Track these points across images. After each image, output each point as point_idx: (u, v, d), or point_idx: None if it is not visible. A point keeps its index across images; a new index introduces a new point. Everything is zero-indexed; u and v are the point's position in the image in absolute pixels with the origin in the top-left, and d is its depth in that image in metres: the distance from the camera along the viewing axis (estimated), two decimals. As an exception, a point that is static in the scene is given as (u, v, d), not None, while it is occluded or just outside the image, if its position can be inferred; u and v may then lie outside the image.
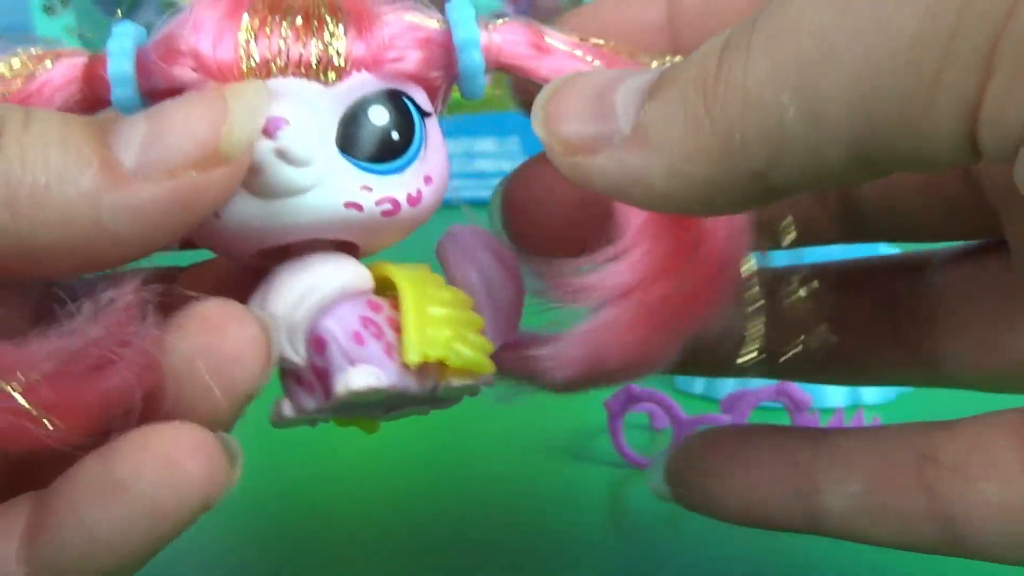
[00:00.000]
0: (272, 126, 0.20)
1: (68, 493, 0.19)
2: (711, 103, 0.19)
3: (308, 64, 0.21)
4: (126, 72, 0.21)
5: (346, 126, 0.21)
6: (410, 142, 0.22)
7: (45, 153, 0.19)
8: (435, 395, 0.22)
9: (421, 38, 0.22)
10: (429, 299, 0.22)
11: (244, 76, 0.21)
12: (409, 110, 0.22)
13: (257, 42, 0.21)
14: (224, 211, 0.21)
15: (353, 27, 0.21)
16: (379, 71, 0.22)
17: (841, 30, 0.17)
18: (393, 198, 0.22)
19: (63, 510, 0.19)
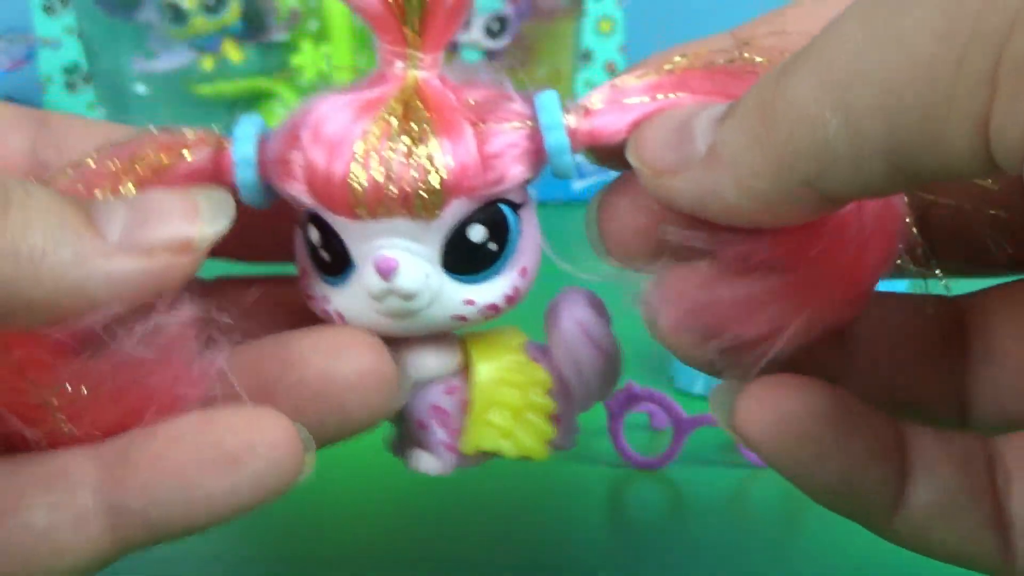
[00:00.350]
0: (385, 268, 0.23)
1: (165, 455, 0.22)
2: (768, 121, 0.21)
3: (413, 206, 0.23)
4: (249, 156, 0.25)
5: (448, 250, 0.23)
6: (505, 244, 0.24)
7: (45, 221, 0.21)
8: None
9: (517, 154, 0.24)
10: (500, 383, 0.25)
11: (354, 214, 0.23)
12: (504, 216, 0.24)
13: (365, 185, 0.22)
14: (349, 320, 0.24)
15: (451, 155, 0.23)
16: (477, 195, 0.23)
17: (871, 51, 0.19)
18: (493, 304, 0.24)
19: (160, 470, 0.22)
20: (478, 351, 0.25)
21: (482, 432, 0.25)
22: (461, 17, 0.24)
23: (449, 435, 0.25)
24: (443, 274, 0.24)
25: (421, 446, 0.25)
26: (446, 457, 0.25)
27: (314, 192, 0.23)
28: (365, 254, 0.23)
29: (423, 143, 0.23)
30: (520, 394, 0.25)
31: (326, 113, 0.23)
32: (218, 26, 0.76)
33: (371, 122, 0.23)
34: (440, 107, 0.23)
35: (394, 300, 0.23)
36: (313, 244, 0.24)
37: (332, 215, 0.23)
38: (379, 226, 0.23)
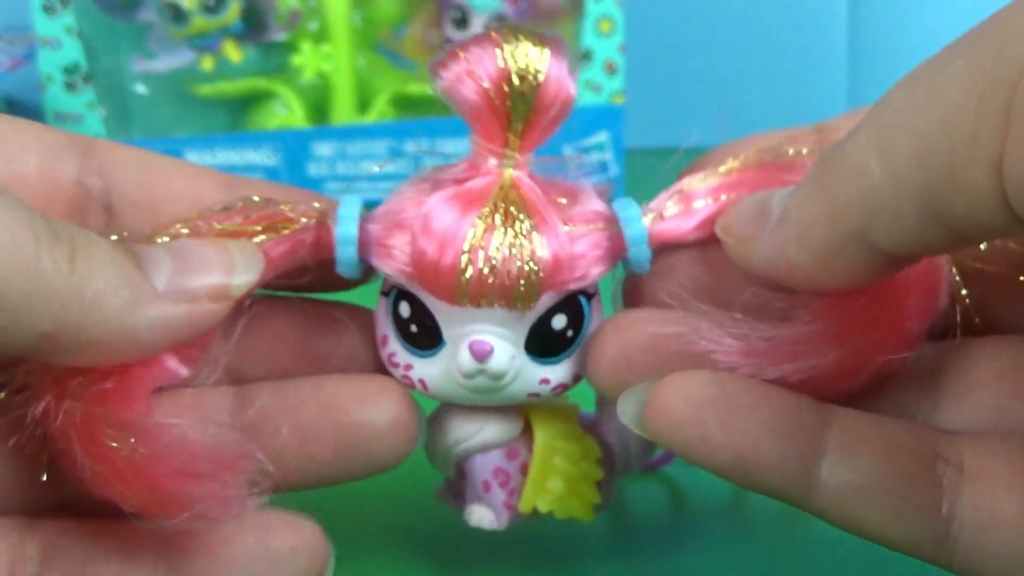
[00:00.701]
0: (480, 352, 0.26)
1: (217, 552, 0.26)
2: (825, 175, 0.23)
3: (512, 299, 0.25)
4: (351, 236, 0.27)
5: (532, 335, 0.26)
6: (580, 332, 0.27)
7: (105, 268, 0.23)
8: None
9: (599, 255, 0.27)
10: (557, 453, 0.28)
11: (457, 301, 0.25)
12: (582, 307, 0.27)
13: (471, 279, 0.25)
14: (431, 388, 0.27)
15: (549, 256, 0.25)
16: (564, 289, 0.26)
17: (911, 104, 0.21)
18: (564, 383, 0.27)
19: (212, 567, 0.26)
20: (538, 422, 0.28)
21: (539, 496, 0.28)
22: (561, 123, 0.26)
23: (508, 495, 0.28)
24: (525, 356, 0.26)
25: (481, 502, 0.28)
26: (503, 515, 0.29)
27: (421, 279, 0.26)
28: (459, 336, 0.26)
29: (524, 241, 0.25)
30: (574, 465, 0.28)
31: (434, 207, 0.25)
32: (218, 26, 0.76)
33: (477, 218, 0.25)
34: (536, 207, 0.25)
35: (483, 379, 0.26)
36: (402, 317, 0.27)
37: (432, 298, 0.26)
38: (477, 313, 0.26)
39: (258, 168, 0.78)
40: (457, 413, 0.28)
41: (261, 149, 0.78)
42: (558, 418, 0.29)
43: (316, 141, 0.77)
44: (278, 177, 0.78)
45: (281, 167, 0.78)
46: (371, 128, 0.77)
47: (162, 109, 0.79)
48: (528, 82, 0.25)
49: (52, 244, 0.23)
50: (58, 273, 0.22)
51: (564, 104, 0.26)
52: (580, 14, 0.76)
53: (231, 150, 0.78)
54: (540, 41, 0.25)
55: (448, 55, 0.26)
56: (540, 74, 0.25)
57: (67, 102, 0.77)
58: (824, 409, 0.25)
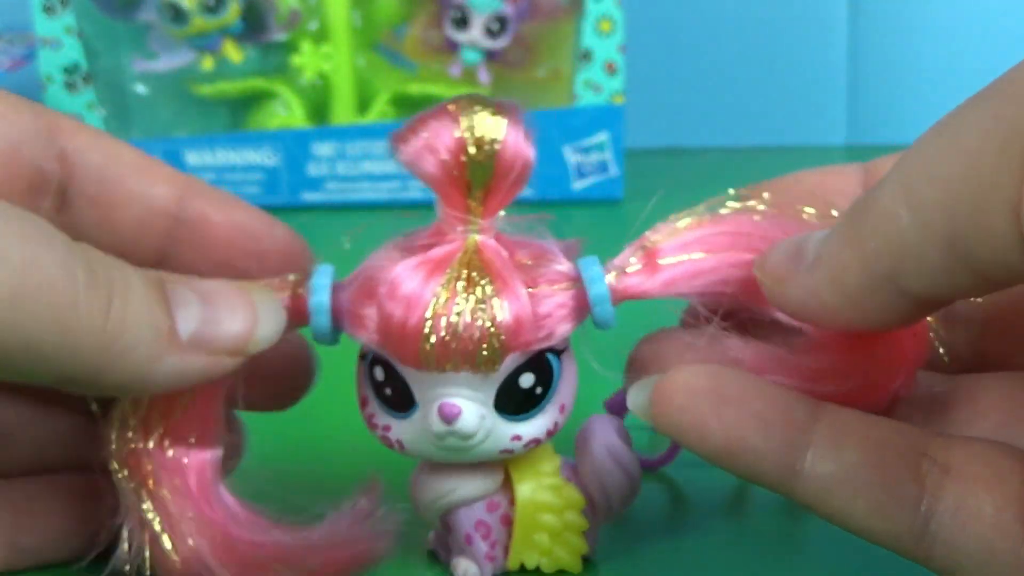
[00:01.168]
0: (449, 414, 0.26)
1: None
2: (857, 222, 0.23)
3: (475, 363, 0.26)
4: (324, 305, 0.27)
5: (501, 394, 0.27)
6: (549, 387, 0.27)
7: (136, 318, 0.24)
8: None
9: (565, 313, 0.27)
10: (540, 507, 0.29)
11: (422, 366, 0.26)
12: (550, 364, 0.27)
13: (434, 346, 0.26)
14: (408, 448, 0.28)
15: (510, 318, 0.26)
16: (529, 349, 0.27)
17: (937, 152, 0.22)
18: (536, 439, 0.28)
19: None
20: (519, 474, 0.29)
21: (526, 552, 0.29)
22: (521, 188, 0.27)
23: (490, 547, 0.29)
24: (495, 415, 0.27)
25: (464, 555, 0.29)
26: (487, 567, 0.29)
27: (387, 344, 0.26)
28: (429, 399, 0.27)
29: (486, 306, 0.26)
30: (558, 518, 0.29)
31: (399, 274, 0.26)
32: (218, 26, 0.76)
33: (439, 285, 0.26)
34: (499, 271, 0.26)
35: (454, 440, 0.27)
36: (378, 380, 0.28)
37: (400, 364, 0.27)
38: (443, 377, 0.26)
39: (258, 168, 0.78)
40: (436, 470, 0.29)
41: (261, 149, 0.78)
42: (539, 470, 0.29)
43: (316, 141, 0.78)
44: (278, 177, 0.78)
45: (281, 167, 0.78)
46: (371, 128, 0.77)
47: (162, 109, 0.79)
48: (485, 151, 0.26)
49: (90, 291, 0.23)
50: (92, 325, 0.23)
51: (523, 168, 0.27)
52: (580, 14, 0.76)
53: (231, 150, 0.78)
54: (497, 110, 0.26)
55: (407, 129, 0.26)
56: (496, 142, 0.26)
57: (67, 102, 0.77)
58: (816, 404, 0.26)
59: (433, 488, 0.29)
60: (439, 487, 0.29)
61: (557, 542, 0.29)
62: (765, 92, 0.98)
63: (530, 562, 0.29)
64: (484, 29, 0.75)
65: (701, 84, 0.97)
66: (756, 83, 0.98)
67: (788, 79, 0.98)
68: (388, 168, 0.78)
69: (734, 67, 0.97)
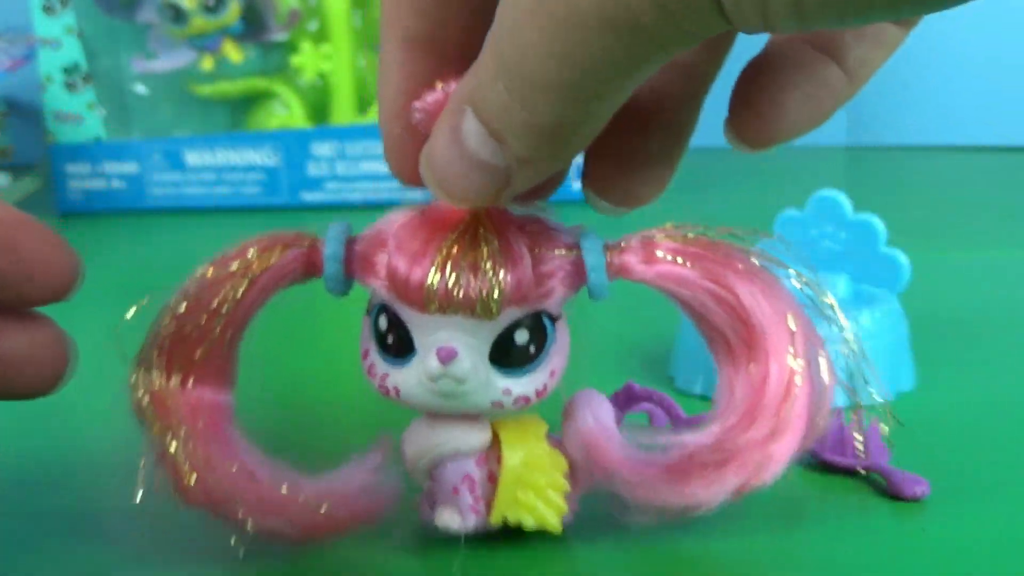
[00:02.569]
0: (446, 355, 0.28)
1: None
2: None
3: (475, 309, 0.27)
4: (338, 254, 0.29)
5: (497, 346, 0.28)
6: (543, 349, 0.29)
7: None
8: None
9: (562, 276, 0.29)
10: (526, 465, 0.30)
11: (426, 307, 0.28)
12: (545, 326, 0.29)
13: (438, 287, 0.27)
14: (403, 394, 0.29)
15: (510, 273, 0.27)
16: (526, 305, 0.28)
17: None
18: (526, 396, 0.29)
19: None
20: (507, 436, 0.30)
21: (509, 507, 0.30)
22: None
23: (475, 500, 0.30)
24: (489, 366, 0.28)
25: (450, 505, 0.30)
26: (470, 518, 0.30)
27: (394, 288, 0.28)
28: (428, 344, 0.28)
29: (490, 259, 0.27)
30: (543, 477, 0.30)
31: (409, 227, 0.28)
32: (218, 26, 0.76)
33: (448, 238, 0.27)
34: (503, 231, 0.28)
35: (447, 382, 0.28)
36: (381, 330, 0.29)
37: (405, 308, 0.28)
38: (444, 320, 0.28)
39: (258, 168, 0.78)
40: (430, 423, 0.30)
41: (261, 149, 0.78)
42: (527, 432, 0.30)
43: (316, 141, 0.78)
44: (278, 177, 0.78)
45: (281, 167, 0.78)
46: (371, 128, 0.77)
47: (162, 109, 0.79)
48: None
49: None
50: None
51: None
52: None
53: (231, 150, 0.78)
54: None
55: (427, 94, 0.27)
56: None
57: (67, 102, 0.77)
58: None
59: (425, 439, 0.30)
60: (431, 439, 0.30)
61: (541, 500, 0.30)
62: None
63: (513, 518, 0.30)
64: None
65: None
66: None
67: (788, 79, 0.98)
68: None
69: (734, 67, 0.97)
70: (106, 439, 0.40)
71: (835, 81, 0.28)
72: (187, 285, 0.29)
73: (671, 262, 0.29)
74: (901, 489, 0.33)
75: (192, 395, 0.29)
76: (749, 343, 0.29)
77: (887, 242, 0.43)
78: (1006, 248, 0.66)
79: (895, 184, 0.88)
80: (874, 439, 0.35)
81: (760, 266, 0.29)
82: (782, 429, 0.29)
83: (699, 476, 0.29)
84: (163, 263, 0.69)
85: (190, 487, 0.29)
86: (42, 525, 0.33)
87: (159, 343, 0.29)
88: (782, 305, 0.29)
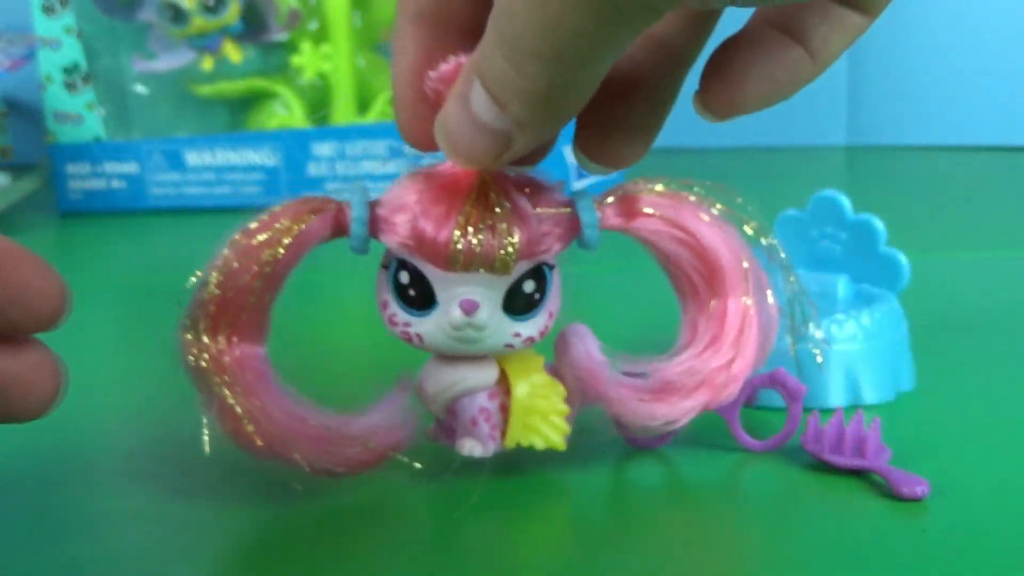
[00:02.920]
0: (469, 307, 0.32)
1: None
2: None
3: (494, 266, 0.31)
4: (362, 216, 0.32)
5: (509, 296, 0.32)
6: (544, 296, 0.33)
7: None
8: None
9: (560, 232, 0.32)
10: (532, 395, 0.34)
11: (451, 268, 0.31)
12: (545, 275, 0.33)
13: (463, 248, 0.31)
14: (426, 340, 0.32)
15: (522, 232, 0.31)
16: (532, 259, 0.32)
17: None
18: (532, 337, 0.33)
19: None
20: (512, 370, 0.34)
21: (521, 432, 0.34)
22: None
23: (491, 428, 0.34)
24: (502, 314, 0.32)
25: (470, 436, 0.34)
26: (489, 445, 0.34)
27: (421, 250, 0.31)
28: (450, 297, 0.32)
29: (505, 221, 0.31)
30: (547, 403, 0.34)
31: (429, 193, 0.31)
32: (218, 26, 0.76)
33: (465, 202, 0.31)
34: (511, 195, 0.31)
35: (469, 330, 0.32)
36: (401, 283, 0.32)
37: (427, 264, 0.32)
38: (465, 277, 0.31)
39: (258, 168, 0.78)
40: (446, 364, 0.33)
41: (261, 149, 0.78)
42: (529, 366, 0.34)
43: (316, 141, 0.78)
44: (278, 177, 0.78)
45: (281, 167, 0.78)
46: (371, 128, 0.77)
47: (162, 109, 0.79)
48: None
49: None
50: None
51: None
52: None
53: (231, 150, 0.78)
54: None
55: (441, 65, 0.30)
56: None
57: (67, 102, 0.77)
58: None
59: (443, 379, 0.33)
60: (448, 378, 0.33)
61: (546, 424, 0.34)
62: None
63: (524, 440, 0.34)
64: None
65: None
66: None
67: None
68: (388, 168, 0.78)
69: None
70: (109, 436, 0.40)
71: (797, 61, 0.30)
72: (225, 252, 0.32)
73: (646, 215, 0.34)
74: (901, 489, 0.33)
75: (237, 351, 0.32)
76: (710, 282, 0.34)
77: (887, 242, 0.43)
78: (1006, 248, 0.66)
79: (895, 184, 0.88)
80: (874, 439, 0.35)
81: (719, 215, 0.34)
82: (740, 354, 0.34)
83: (675, 395, 0.34)
84: (163, 263, 0.69)
85: (249, 435, 0.31)
86: (42, 525, 0.33)
87: (204, 306, 0.31)
88: (738, 249, 0.34)
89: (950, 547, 0.31)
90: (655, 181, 0.34)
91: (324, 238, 0.33)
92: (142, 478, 0.36)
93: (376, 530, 0.33)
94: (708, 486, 0.35)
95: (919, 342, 0.43)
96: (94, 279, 0.64)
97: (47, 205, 0.80)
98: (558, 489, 0.35)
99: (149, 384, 0.45)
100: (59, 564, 0.31)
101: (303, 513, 0.33)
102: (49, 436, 0.40)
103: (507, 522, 0.33)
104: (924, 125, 0.99)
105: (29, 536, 0.33)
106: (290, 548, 0.32)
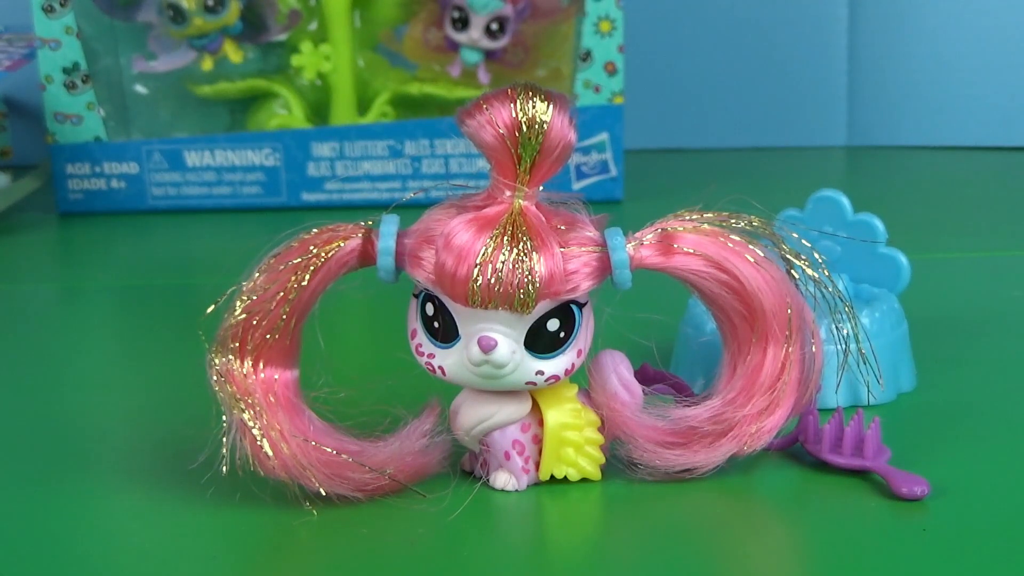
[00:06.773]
0: (486, 345, 0.32)
1: None
2: None
3: (513, 304, 0.31)
4: (390, 248, 0.32)
5: (531, 334, 0.32)
6: (571, 334, 0.33)
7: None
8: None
9: (589, 272, 0.32)
10: (565, 427, 0.34)
11: (469, 303, 0.31)
12: (573, 314, 0.32)
13: (480, 286, 0.31)
14: (448, 373, 0.33)
15: (544, 272, 0.31)
16: (557, 298, 0.32)
17: None
18: (556, 375, 0.33)
19: None
20: (545, 401, 0.34)
21: (555, 464, 0.34)
22: (563, 163, 0.32)
23: (524, 461, 0.34)
24: (524, 351, 0.32)
25: (503, 469, 0.34)
26: (523, 478, 0.34)
27: (441, 285, 0.31)
28: (471, 332, 0.32)
29: (526, 258, 0.31)
30: (580, 434, 0.34)
31: (455, 227, 0.31)
32: (218, 26, 0.76)
33: (488, 238, 0.31)
34: (538, 231, 0.31)
35: (488, 368, 0.32)
36: (427, 315, 0.33)
37: (449, 300, 0.32)
38: (485, 314, 0.31)
39: (258, 168, 0.78)
40: (479, 397, 0.33)
41: (261, 149, 0.78)
42: (562, 397, 0.34)
43: (316, 141, 0.78)
44: (278, 177, 0.78)
45: (281, 167, 0.78)
46: (371, 128, 0.77)
47: (162, 109, 0.79)
48: (535, 130, 0.31)
49: None
50: None
51: (565, 148, 0.32)
52: (580, 14, 0.76)
53: (231, 150, 0.78)
54: (547, 97, 0.31)
55: (473, 106, 0.31)
56: (545, 124, 0.31)
57: (67, 102, 0.77)
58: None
59: (475, 414, 0.34)
60: (480, 413, 0.33)
61: (580, 454, 0.34)
62: (765, 93, 0.98)
63: (559, 473, 0.34)
64: (484, 29, 0.75)
65: (701, 85, 0.97)
66: (756, 84, 0.98)
67: (788, 80, 0.98)
68: (388, 168, 0.78)
69: (734, 68, 0.97)
70: (109, 436, 0.40)
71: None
72: (254, 277, 0.32)
73: (686, 253, 0.33)
74: (901, 489, 0.33)
75: (264, 375, 0.32)
76: (751, 325, 0.33)
77: (887, 242, 0.43)
78: (1006, 248, 0.66)
79: (895, 184, 0.88)
80: (874, 439, 0.35)
81: (765, 257, 0.33)
82: (774, 405, 0.33)
83: (699, 443, 0.34)
84: (163, 263, 0.69)
85: (269, 459, 0.32)
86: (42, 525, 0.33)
87: (233, 330, 0.32)
88: (782, 294, 0.33)
89: (950, 547, 0.31)
90: (697, 214, 0.34)
91: (352, 267, 0.33)
92: (142, 478, 0.36)
93: (376, 531, 0.32)
94: (708, 486, 0.35)
95: (919, 342, 0.43)
96: (94, 279, 0.64)
97: (47, 205, 0.80)
98: (558, 488, 0.35)
99: (149, 384, 0.45)
100: (59, 564, 0.31)
101: (303, 514, 0.33)
102: (49, 436, 0.40)
103: (497, 526, 0.33)
104: (924, 125, 0.99)
105: (29, 536, 0.33)
106: (290, 548, 0.32)
